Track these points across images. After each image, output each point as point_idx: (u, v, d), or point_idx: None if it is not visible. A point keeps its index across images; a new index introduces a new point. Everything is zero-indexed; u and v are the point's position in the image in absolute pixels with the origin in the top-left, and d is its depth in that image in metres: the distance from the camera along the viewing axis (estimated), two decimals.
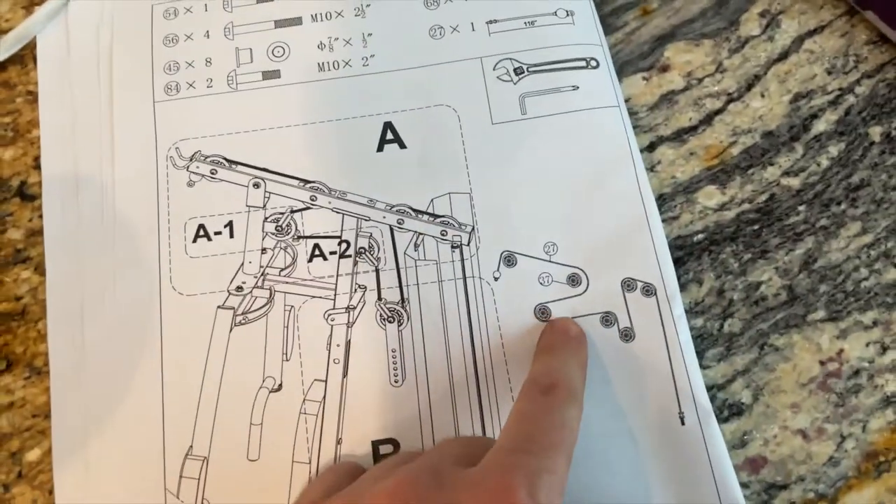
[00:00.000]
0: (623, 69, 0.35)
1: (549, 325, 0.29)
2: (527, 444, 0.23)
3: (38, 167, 0.33)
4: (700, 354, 0.30)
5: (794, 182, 0.33)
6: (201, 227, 0.31)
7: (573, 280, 0.30)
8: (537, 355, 0.28)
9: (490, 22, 0.34)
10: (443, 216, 0.31)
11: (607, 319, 0.29)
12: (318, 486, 0.26)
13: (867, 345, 0.31)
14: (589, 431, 0.28)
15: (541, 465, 0.22)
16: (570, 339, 0.29)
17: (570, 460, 0.24)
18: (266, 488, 0.28)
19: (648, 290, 0.30)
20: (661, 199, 0.33)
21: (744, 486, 0.29)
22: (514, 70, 0.33)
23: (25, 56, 0.35)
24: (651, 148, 0.34)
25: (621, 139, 0.32)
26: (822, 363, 0.31)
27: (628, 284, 0.30)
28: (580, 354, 0.28)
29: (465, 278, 0.30)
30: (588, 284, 0.30)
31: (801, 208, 0.33)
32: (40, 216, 0.32)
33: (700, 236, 0.33)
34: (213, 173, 0.32)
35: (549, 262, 0.30)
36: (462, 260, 0.31)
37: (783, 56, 0.36)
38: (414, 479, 0.22)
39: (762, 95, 0.35)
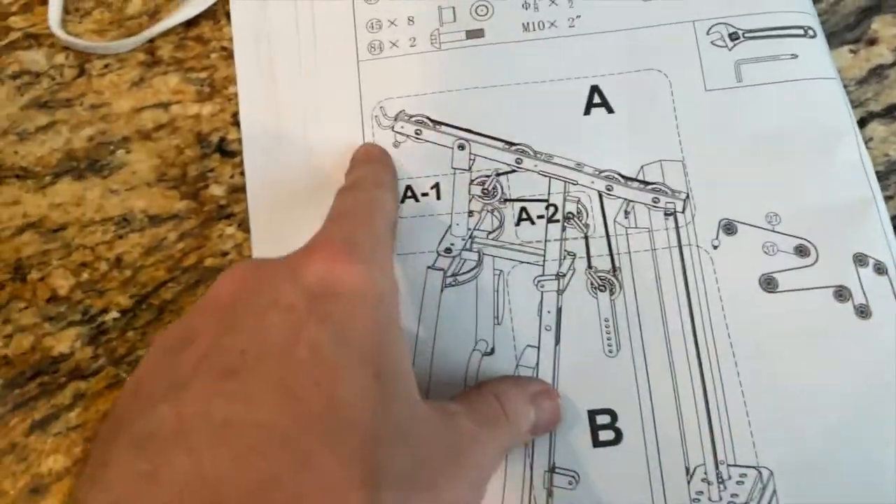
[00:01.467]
0: (829, 41, 0.34)
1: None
2: (342, 213, 0.26)
3: (236, 123, 0.33)
4: None
5: None
6: (409, 188, 0.31)
7: (801, 251, 0.29)
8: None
9: None
10: (654, 183, 0.30)
11: (841, 294, 0.28)
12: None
13: None
14: (820, 407, 0.27)
15: (358, 222, 0.25)
16: (371, 152, 0.31)
17: (391, 229, 0.27)
18: None
19: (880, 268, 0.29)
20: (876, 177, 0.32)
21: None
22: (729, 35, 0.32)
23: (217, 11, 0.35)
24: (862, 124, 0.33)
25: (842, 112, 0.31)
26: None
27: (860, 260, 0.29)
28: (383, 158, 0.31)
29: (680, 246, 0.30)
30: (818, 256, 0.29)
31: None
32: (241, 173, 0.32)
33: None
34: (417, 133, 0.32)
35: (773, 231, 0.29)
36: (677, 228, 0.30)
37: None
38: (240, 266, 0.24)
39: None
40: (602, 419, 0.28)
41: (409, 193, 0.31)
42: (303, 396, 0.19)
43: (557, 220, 0.30)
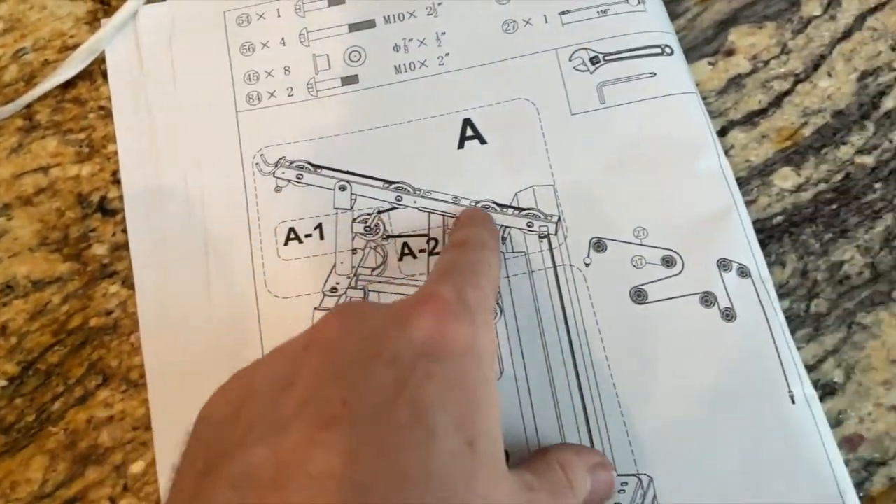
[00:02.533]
0: (688, 55, 0.36)
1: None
2: (453, 270, 0.26)
3: (116, 181, 0.34)
4: (792, 338, 0.31)
5: (869, 160, 0.34)
6: (291, 230, 0.32)
7: (667, 261, 0.30)
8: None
9: (562, 13, 0.34)
10: (528, 209, 0.32)
11: (706, 300, 0.30)
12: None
13: None
14: (694, 412, 0.28)
15: (466, 281, 0.24)
16: (476, 215, 0.31)
17: (495, 290, 0.27)
18: None
19: (743, 272, 0.30)
20: (738, 183, 0.33)
21: (844, 464, 0.29)
22: (591, 60, 0.33)
23: (94, 71, 0.36)
24: (723, 132, 0.34)
25: (701, 124, 0.32)
26: None
27: (724, 265, 0.30)
28: (487, 222, 0.31)
29: (555, 267, 0.31)
30: (683, 265, 0.30)
31: (877, 185, 0.33)
32: (123, 230, 0.33)
33: (779, 218, 0.33)
34: (299, 178, 0.33)
35: (641, 245, 0.31)
36: (551, 249, 0.31)
37: (847, 34, 0.36)
38: (347, 315, 0.23)
39: (829, 75, 0.35)
40: None
41: (293, 235, 0.32)
42: (399, 458, 0.19)
43: (439, 253, 0.31)
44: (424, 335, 0.22)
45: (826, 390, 0.30)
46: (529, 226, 0.31)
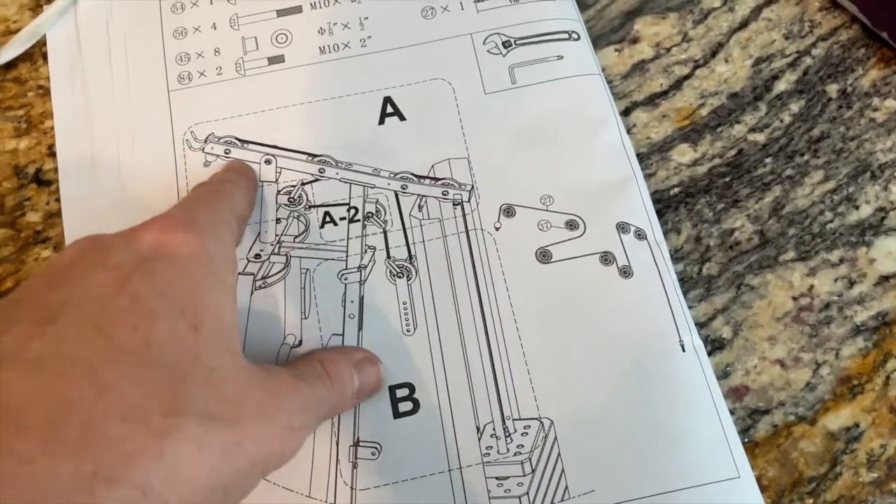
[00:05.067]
0: (597, 42, 0.38)
1: None
2: (187, 198, 0.29)
3: (52, 155, 0.35)
4: (683, 295, 0.33)
5: (760, 137, 0.37)
6: None
7: (571, 225, 0.33)
8: None
9: (478, 1, 0.37)
10: (444, 178, 0.34)
11: (606, 258, 0.32)
12: None
13: (835, 280, 0.34)
14: (592, 360, 0.31)
15: (198, 203, 0.28)
16: (230, 164, 0.34)
17: (236, 214, 0.30)
18: None
19: (640, 234, 0.33)
20: (639, 158, 0.36)
21: (729, 412, 0.31)
22: (503, 43, 0.36)
23: (34, 53, 0.37)
24: (626, 112, 0.37)
25: (604, 102, 0.35)
26: (794, 299, 0.34)
27: (623, 227, 0.33)
28: (237, 165, 0.34)
29: (467, 231, 0.33)
30: (585, 228, 0.33)
31: (767, 161, 0.36)
32: (57, 199, 0.34)
33: (676, 190, 0.36)
34: (226, 153, 0.34)
35: (547, 210, 0.33)
36: (464, 216, 0.33)
37: (743, 25, 0.39)
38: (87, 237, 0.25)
39: (726, 61, 0.38)
40: (401, 392, 0.31)
41: None
42: (115, 337, 0.21)
43: (358, 220, 0.33)
44: (148, 245, 0.24)
45: (715, 345, 0.33)
46: (444, 194, 0.34)
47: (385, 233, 0.33)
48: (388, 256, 0.33)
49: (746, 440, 0.31)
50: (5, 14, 0.38)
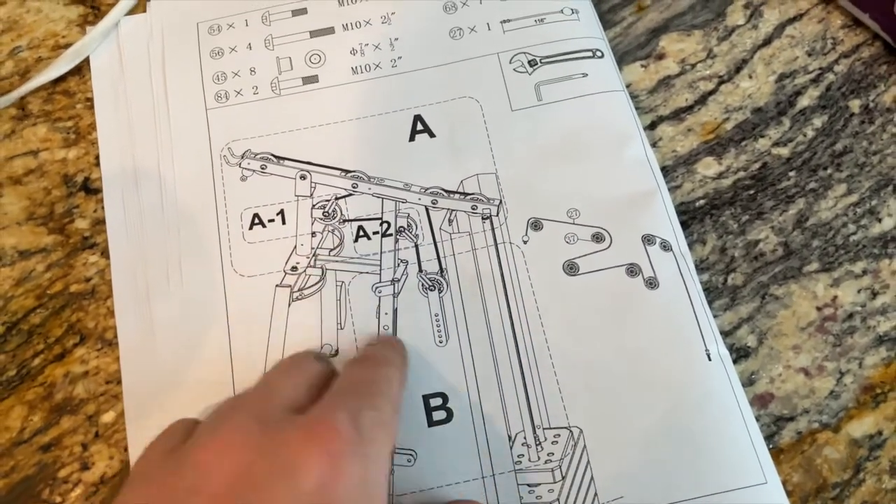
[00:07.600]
0: (623, 59, 0.39)
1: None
2: (352, 388, 0.26)
3: (99, 164, 0.37)
4: (708, 305, 0.34)
5: (784, 151, 0.37)
6: (256, 215, 0.35)
7: (597, 237, 0.34)
8: None
9: (504, 21, 0.38)
10: (472, 193, 0.35)
11: (632, 270, 0.33)
12: (158, 444, 0.26)
13: (858, 291, 0.35)
14: (620, 369, 0.31)
15: (364, 403, 0.25)
16: (385, 338, 0.32)
17: (397, 411, 0.27)
18: None
19: (665, 246, 0.33)
20: (665, 171, 0.37)
21: (755, 418, 0.32)
22: (529, 62, 0.37)
23: (83, 67, 0.39)
24: (652, 126, 0.38)
25: (628, 117, 0.36)
26: (818, 309, 0.34)
27: (648, 239, 0.33)
28: (393, 342, 0.32)
29: (496, 245, 0.34)
30: (611, 240, 0.33)
31: (791, 174, 0.37)
32: (103, 207, 0.36)
33: (701, 202, 0.36)
34: (263, 168, 0.36)
35: (574, 224, 0.34)
36: (493, 229, 0.34)
37: (767, 42, 0.40)
38: (241, 428, 0.23)
39: (750, 77, 0.39)
40: (435, 402, 0.32)
41: (257, 220, 0.35)
42: None
43: (391, 234, 0.34)
44: (314, 485, 0.22)
45: (740, 353, 0.34)
46: (473, 209, 0.35)
47: (416, 246, 0.34)
48: (420, 270, 0.34)
49: (771, 447, 0.32)
50: (54, 30, 0.40)
